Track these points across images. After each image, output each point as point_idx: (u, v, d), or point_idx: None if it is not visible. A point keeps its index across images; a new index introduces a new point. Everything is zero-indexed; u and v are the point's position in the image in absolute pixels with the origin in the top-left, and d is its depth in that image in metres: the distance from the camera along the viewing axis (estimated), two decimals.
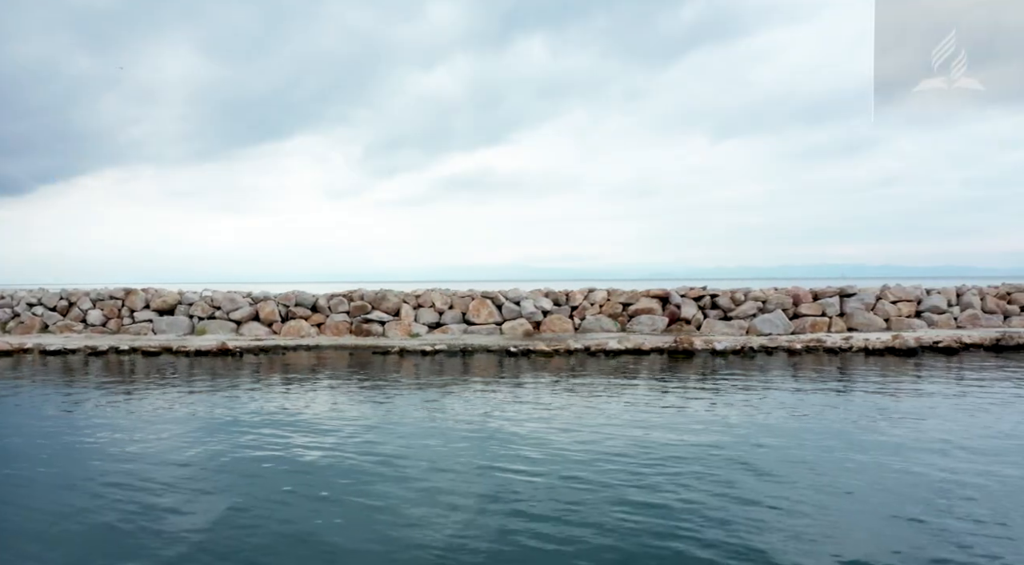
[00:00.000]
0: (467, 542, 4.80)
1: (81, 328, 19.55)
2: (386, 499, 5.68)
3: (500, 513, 5.35)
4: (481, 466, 6.68)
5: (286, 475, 6.49)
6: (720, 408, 9.45)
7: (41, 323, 19.86)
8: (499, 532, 4.96)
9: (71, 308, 19.88)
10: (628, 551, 4.60)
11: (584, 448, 7.28)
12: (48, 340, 18.68)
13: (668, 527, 4.99)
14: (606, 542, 4.74)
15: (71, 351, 17.29)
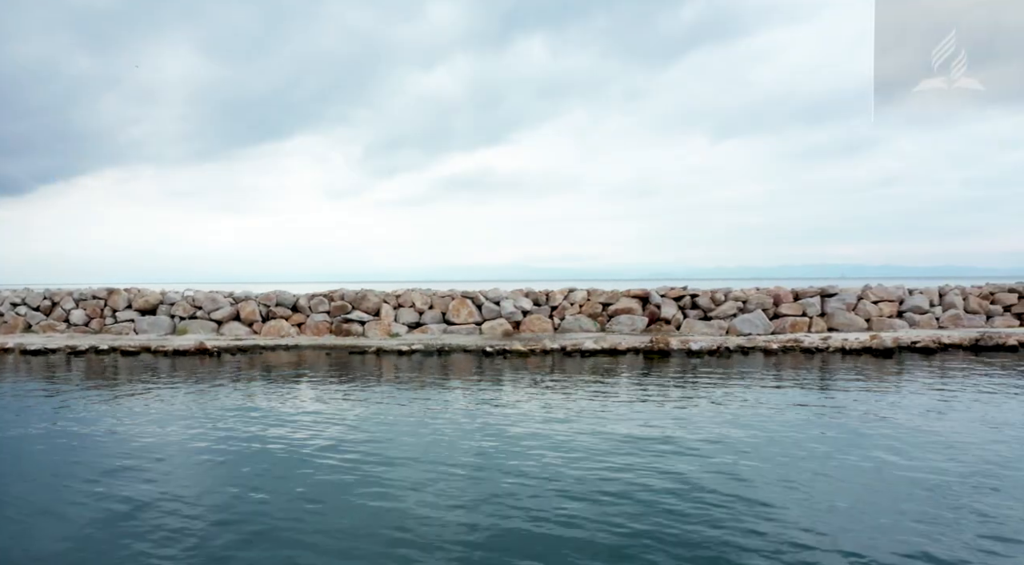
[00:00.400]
0: (433, 532, 4.80)
1: (64, 328, 19.62)
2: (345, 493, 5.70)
3: (439, 506, 5.35)
4: (427, 461, 6.68)
5: (242, 473, 6.50)
6: (677, 407, 9.41)
7: (24, 323, 19.94)
8: (452, 525, 4.95)
9: (54, 308, 19.95)
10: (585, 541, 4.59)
11: (539, 446, 7.27)
12: (30, 340, 18.76)
13: (613, 524, 4.97)
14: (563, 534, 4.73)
15: (51, 351, 17.34)
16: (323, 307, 18.71)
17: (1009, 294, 18.87)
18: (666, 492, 5.70)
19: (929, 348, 15.52)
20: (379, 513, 5.34)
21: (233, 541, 4.82)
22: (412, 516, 5.25)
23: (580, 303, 18.52)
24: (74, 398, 10.80)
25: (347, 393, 10.97)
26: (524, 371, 13.36)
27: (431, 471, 6.46)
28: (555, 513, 5.25)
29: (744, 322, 17.83)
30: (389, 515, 5.29)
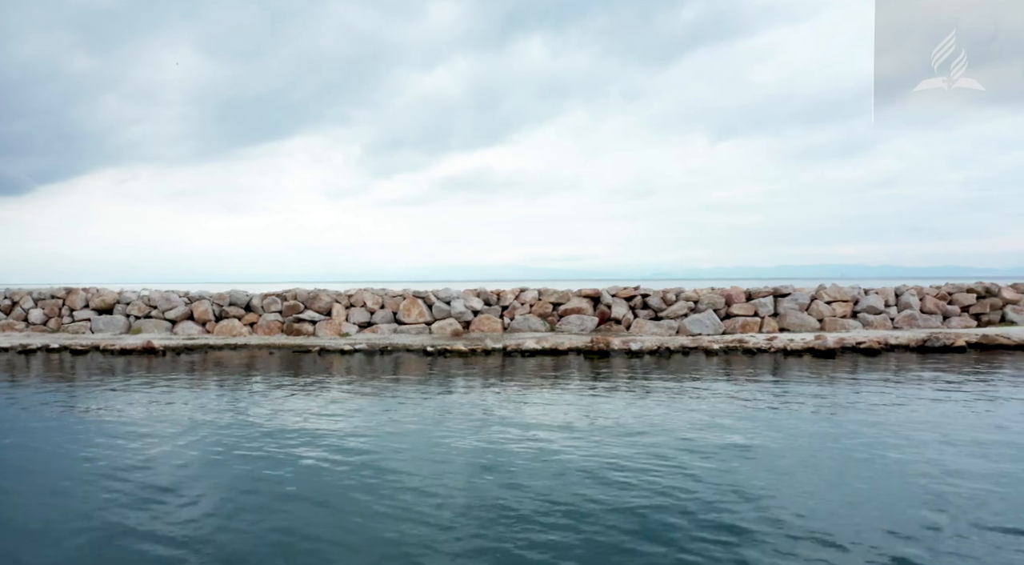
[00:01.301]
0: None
1: (23, 326, 19.80)
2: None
3: (300, 500, 5.34)
4: (284, 458, 6.67)
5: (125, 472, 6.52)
6: (575, 408, 9.34)
7: None
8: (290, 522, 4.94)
9: (14, 307, 20.13)
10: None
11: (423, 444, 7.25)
12: None
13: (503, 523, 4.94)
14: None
15: (3, 349, 17.51)
16: (275, 307, 18.75)
17: (967, 294, 18.59)
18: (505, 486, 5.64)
19: (873, 349, 15.31)
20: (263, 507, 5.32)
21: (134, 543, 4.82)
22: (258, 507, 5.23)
23: (531, 303, 18.44)
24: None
25: (252, 392, 10.97)
26: (455, 371, 13.32)
27: (274, 468, 6.44)
28: (388, 505, 5.22)
29: (694, 322, 17.69)
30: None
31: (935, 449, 6.91)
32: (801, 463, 6.51)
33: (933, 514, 5.06)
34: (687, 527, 4.84)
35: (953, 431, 7.69)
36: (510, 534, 4.78)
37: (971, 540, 4.60)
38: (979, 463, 6.42)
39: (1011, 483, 5.79)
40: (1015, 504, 5.28)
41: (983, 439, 7.33)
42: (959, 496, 5.45)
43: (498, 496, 5.57)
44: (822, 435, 7.61)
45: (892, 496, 5.50)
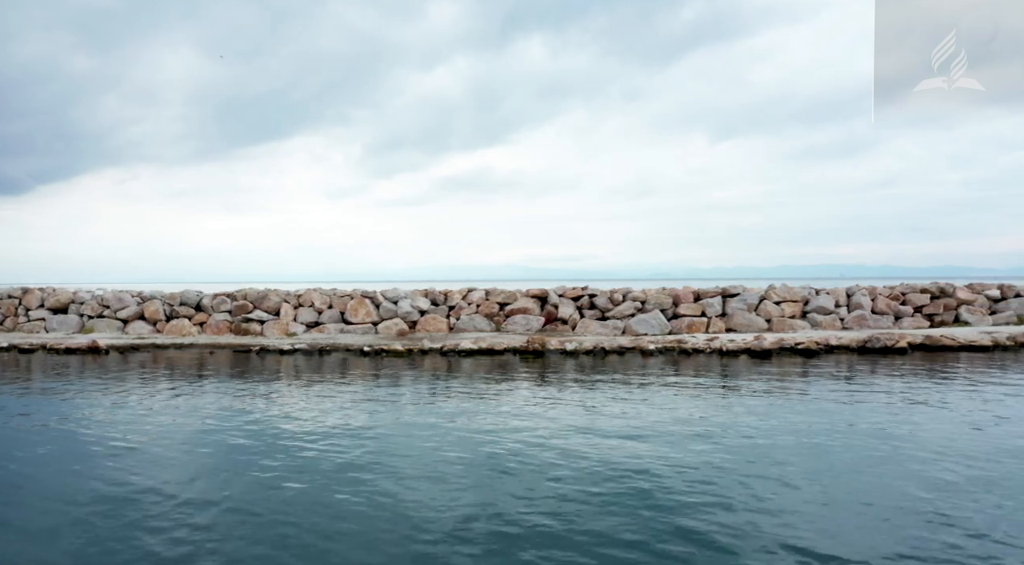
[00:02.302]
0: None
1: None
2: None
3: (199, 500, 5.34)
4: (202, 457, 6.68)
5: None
6: (464, 410, 9.28)
7: None
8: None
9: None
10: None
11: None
12: None
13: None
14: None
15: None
16: (225, 306, 18.82)
17: (921, 295, 18.31)
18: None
19: (810, 350, 15.11)
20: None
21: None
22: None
23: (478, 303, 18.38)
24: None
25: (161, 392, 11.00)
26: (384, 370, 13.29)
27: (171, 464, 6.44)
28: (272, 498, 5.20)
29: (640, 322, 17.55)
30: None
31: (779, 451, 6.78)
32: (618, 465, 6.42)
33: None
34: (520, 518, 4.77)
35: (813, 432, 7.55)
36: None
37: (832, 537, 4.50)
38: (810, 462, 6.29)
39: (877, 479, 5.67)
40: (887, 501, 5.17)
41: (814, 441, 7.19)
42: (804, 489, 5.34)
43: (316, 500, 5.53)
44: (665, 436, 7.49)
45: (708, 494, 5.39)
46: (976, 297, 18.38)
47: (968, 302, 18.24)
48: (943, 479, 5.83)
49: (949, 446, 6.94)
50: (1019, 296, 18.64)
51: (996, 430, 7.72)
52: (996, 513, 5.03)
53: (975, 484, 5.70)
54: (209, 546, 4.58)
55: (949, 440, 7.21)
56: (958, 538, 4.56)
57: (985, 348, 15.37)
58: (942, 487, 5.63)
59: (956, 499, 5.33)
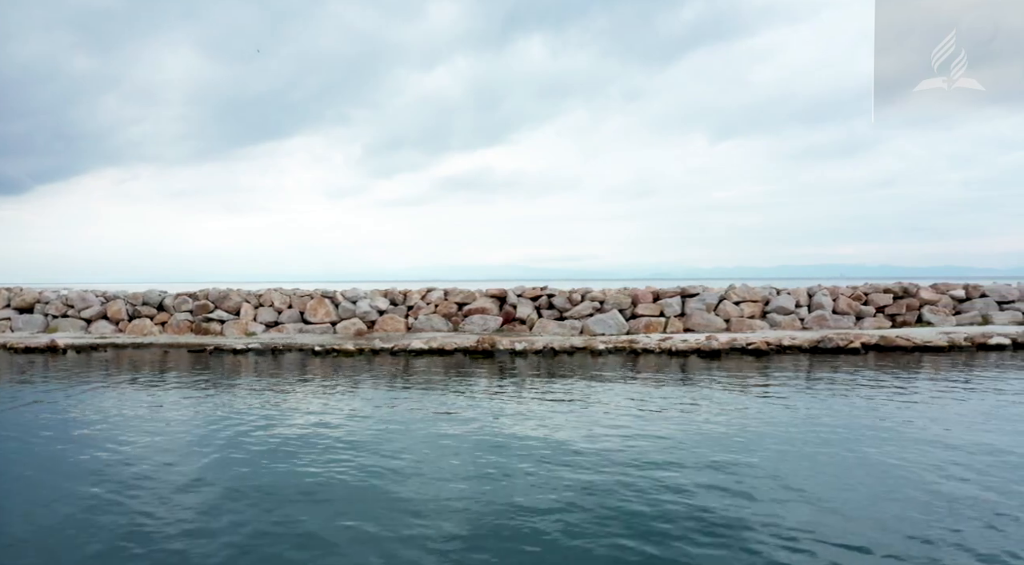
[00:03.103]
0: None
1: None
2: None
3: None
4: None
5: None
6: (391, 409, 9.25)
7: None
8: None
9: None
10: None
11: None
12: None
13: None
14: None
15: None
16: (186, 306, 18.87)
17: (884, 295, 18.10)
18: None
19: (760, 350, 14.96)
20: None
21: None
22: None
23: (436, 303, 18.34)
24: None
25: (101, 392, 11.02)
26: (328, 370, 13.29)
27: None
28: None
29: (598, 322, 17.45)
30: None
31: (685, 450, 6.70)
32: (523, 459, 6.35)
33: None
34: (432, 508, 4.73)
35: (712, 432, 7.45)
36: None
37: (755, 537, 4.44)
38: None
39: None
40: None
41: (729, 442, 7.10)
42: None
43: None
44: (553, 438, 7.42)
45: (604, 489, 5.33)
46: (940, 297, 18.16)
47: (931, 302, 18.03)
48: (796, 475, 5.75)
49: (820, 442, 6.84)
50: (984, 296, 18.40)
51: (896, 429, 7.59)
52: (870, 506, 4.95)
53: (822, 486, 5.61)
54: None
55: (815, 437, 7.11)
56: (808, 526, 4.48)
57: (940, 349, 15.17)
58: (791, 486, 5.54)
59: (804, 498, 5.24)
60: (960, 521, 4.79)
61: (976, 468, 6.06)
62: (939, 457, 6.42)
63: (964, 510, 5.00)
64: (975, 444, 6.91)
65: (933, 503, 5.16)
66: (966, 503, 5.14)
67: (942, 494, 5.35)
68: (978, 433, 7.42)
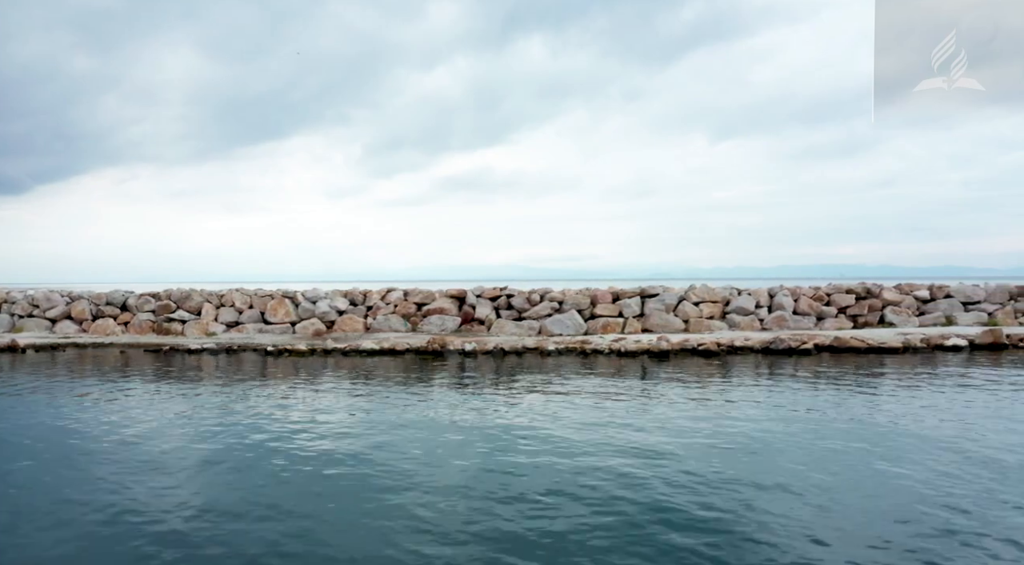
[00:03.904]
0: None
1: None
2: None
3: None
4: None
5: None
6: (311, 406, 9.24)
7: None
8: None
9: None
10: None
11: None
12: None
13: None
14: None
15: None
16: (149, 306, 18.95)
17: (846, 295, 17.93)
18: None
19: (710, 351, 14.84)
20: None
21: None
22: None
23: (396, 303, 18.33)
24: None
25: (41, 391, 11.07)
26: (269, 370, 13.30)
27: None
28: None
29: (556, 323, 17.38)
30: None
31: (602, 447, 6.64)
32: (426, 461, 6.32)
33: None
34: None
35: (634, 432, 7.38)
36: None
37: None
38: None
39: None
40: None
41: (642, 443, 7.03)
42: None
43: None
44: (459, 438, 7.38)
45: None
46: (903, 298, 17.97)
47: (894, 303, 17.84)
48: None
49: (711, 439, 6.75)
50: (949, 297, 18.21)
51: (797, 428, 7.49)
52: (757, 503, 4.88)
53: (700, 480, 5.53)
54: None
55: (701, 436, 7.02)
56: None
57: (894, 350, 15.00)
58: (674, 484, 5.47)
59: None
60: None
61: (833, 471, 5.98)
62: (809, 457, 6.34)
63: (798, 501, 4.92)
64: (840, 449, 6.81)
65: (791, 501, 5.08)
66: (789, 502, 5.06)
67: (807, 492, 5.27)
68: (848, 440, 7.31)
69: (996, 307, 18.17)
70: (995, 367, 12.82)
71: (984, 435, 7.20)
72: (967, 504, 5.07)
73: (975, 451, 6.56)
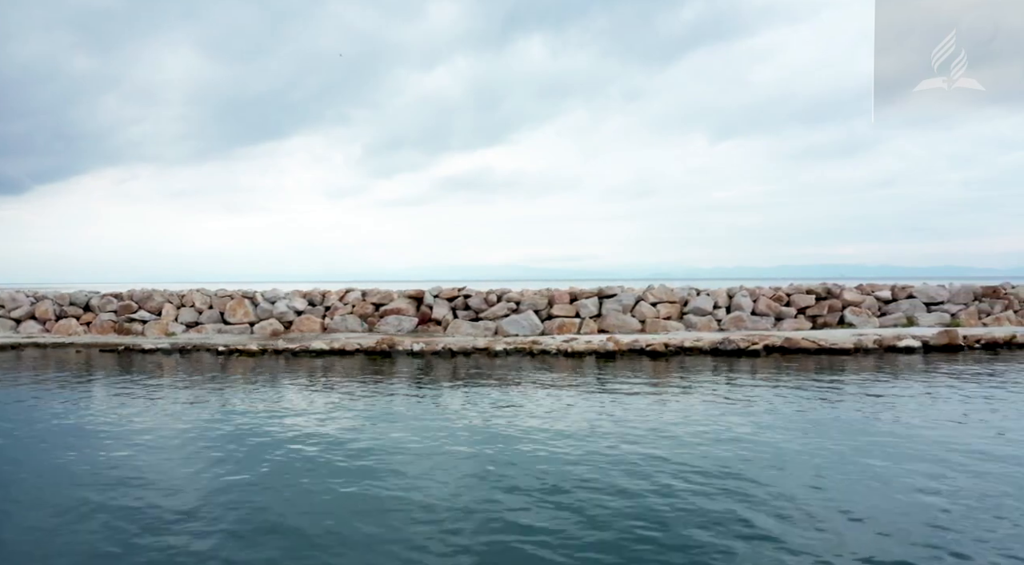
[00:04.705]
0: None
1: None
2: None
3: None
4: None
5: None
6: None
7: None
8: None
9: None
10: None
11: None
12: None
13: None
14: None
15: None
16: (111, 306, 19.04)
17: (806, 296, 17.77)
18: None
19: (657, 352, 14.74)
20: None
21: None
22: None
23: (354, 304, 18.32)
24: None
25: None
26: (213, 371, 13.33)
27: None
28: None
29: (512, 323, 17.33)
30: None
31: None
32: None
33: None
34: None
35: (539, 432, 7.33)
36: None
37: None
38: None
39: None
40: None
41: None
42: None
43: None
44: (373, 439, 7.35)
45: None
46: (864, 298, 17.80)
47: (855, 304, 17.67)
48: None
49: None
50: (912, 298, 18.02)
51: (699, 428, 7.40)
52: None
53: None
54: None
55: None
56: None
57: (845, 351, 14.85)
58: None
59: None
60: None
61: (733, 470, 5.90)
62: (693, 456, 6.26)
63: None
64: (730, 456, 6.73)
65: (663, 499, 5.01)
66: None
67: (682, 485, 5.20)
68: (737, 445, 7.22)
69: (960, 308, 17.96)
70: (936, 370, 12.67)
71: (866, 446, 7.05)
72: (847, 503, 4.98)
73: (852, 460, 6.45)
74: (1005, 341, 15.85)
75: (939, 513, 4.89)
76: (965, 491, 5.36)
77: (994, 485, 5.53)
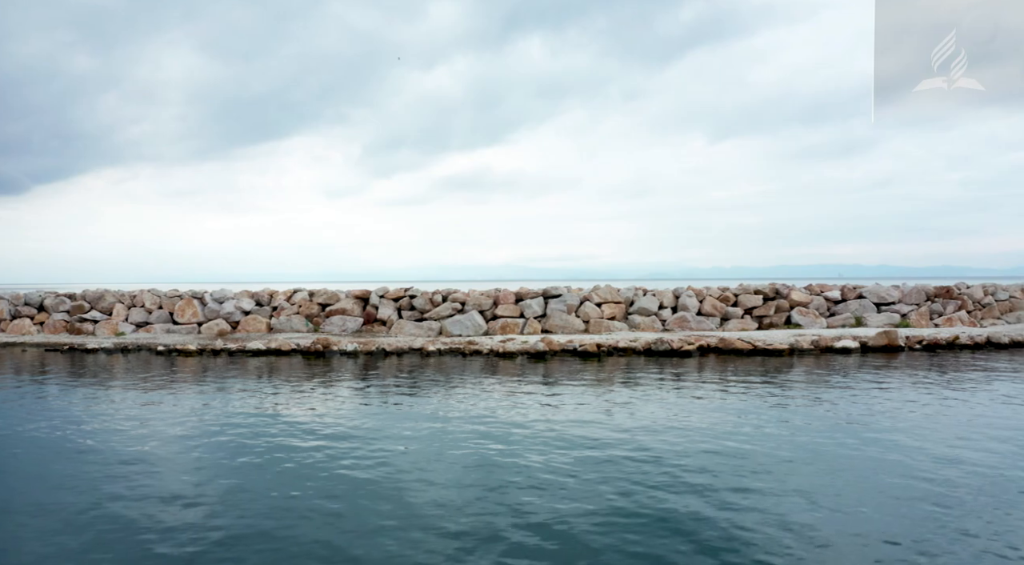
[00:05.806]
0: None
1: None
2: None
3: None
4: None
5: None
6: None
7: None
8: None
9: None
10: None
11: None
12: None
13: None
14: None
15: None
16: (64, 306, 19.20)
17: (754, 296, 17.63)
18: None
19: (589, 352, 14.67)
20: None
21: None
22: None
23: (300, 304, 18.37)
24: None
25: None
26: (156, 370, 13.41)
27: None
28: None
29: (455, 323, 17.30)
30: None
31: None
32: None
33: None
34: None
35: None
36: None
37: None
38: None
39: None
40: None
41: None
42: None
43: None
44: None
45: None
46: (812, 299, 17.63)
47: (802, 304, 17.50)
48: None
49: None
50: (862, 298, 17.82)
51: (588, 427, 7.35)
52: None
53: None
54: None
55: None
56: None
57: (779, 352, 14.71)
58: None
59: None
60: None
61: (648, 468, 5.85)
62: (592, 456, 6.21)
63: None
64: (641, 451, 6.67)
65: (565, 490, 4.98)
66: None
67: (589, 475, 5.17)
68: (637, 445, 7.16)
69: (911, 308, 17.76)
70: (862, 371, 12.51)
71: (749, 449, 6.97)
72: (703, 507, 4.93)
73: (749, 462, 6.38)
74: (948, 342, 15.66)
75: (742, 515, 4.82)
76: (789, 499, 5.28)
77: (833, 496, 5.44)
